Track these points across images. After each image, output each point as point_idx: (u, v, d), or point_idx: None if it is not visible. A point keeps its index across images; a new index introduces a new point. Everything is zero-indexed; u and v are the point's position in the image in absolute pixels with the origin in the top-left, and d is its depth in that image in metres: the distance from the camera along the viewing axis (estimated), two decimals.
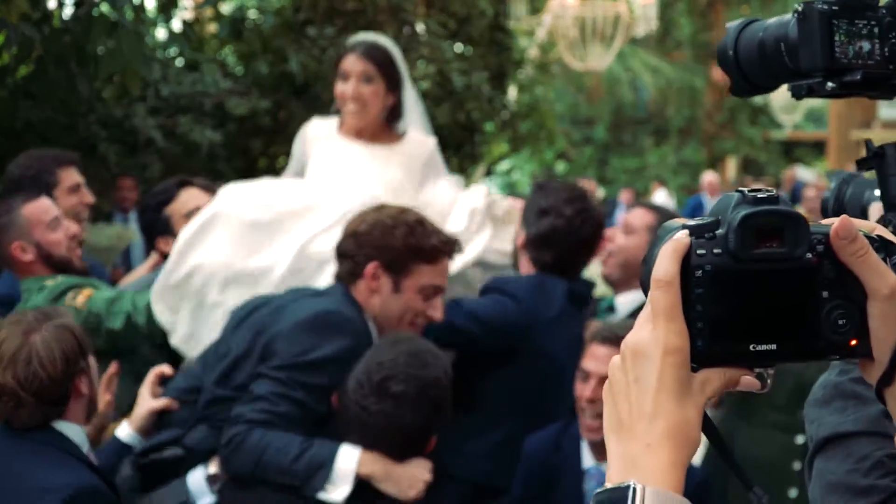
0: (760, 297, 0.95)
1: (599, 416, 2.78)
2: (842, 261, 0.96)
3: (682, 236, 0.95)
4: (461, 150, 11.86)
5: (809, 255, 0.95)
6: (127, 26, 7.01)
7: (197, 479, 2.68)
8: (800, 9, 1.16)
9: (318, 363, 2.62)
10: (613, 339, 2.83)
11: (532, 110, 12.01)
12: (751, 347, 0.95)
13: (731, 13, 20.89)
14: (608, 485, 0.92)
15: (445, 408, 2.59)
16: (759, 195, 0.95)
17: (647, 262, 1.00)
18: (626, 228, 3.50)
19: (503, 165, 19.59)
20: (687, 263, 0.95)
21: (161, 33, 9.66)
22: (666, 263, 0.94)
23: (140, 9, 7.81)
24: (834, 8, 1.15)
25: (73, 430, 2.56)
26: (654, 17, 10.33)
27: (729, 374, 0.96)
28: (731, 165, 22.10)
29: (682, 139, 20.93)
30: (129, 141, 9.51)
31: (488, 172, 14.59)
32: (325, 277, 3.08)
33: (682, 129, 20.96)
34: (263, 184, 3.57)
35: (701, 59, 20.83)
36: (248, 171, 10.76)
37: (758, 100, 20.62)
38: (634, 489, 0.90)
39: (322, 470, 2.45)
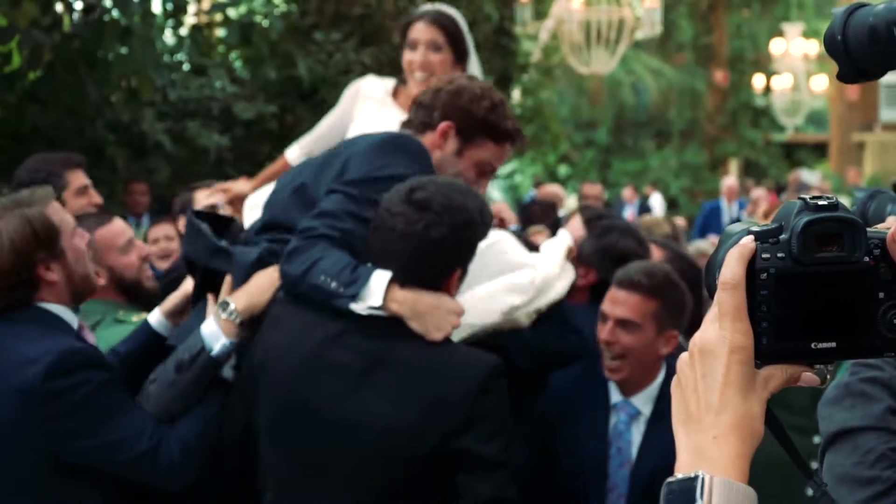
0: (821, 298, 1.01)
1: (615, 357, 2.93)
2: None
3: (748, 241, 1.01)
4: None
5: (867, 259, 1.02)
6: (138, 32, 7.06)
7: (209, 325, 2.61)
8: None
9: (393, 179, 2.60)
10: (628, 282, 2.96)
11: (536, 114, 12.06)
12: (812, 345, 1.01)
13: (731, 16, 20.96)
14: (678, 475, 0.98)
15: (466, 246, 2.52)
16: (820, 202, 1.01)
17: (711, 266, 1.07)
18: None
19: (505, 168, 19.64)
20: (752, 267, 1.01)
21: (168, 37, 9.70)
22: (733, 266, 1.01)
23: (148, 14, 7.86)
24: None
25: (57, 309, 2.61)
26: (658, 22, 10.37)
27: (791, 371, 1.02)
28: (733, 168, 22.15)
29: (683, 142, 20.99)
30: (136, 145, 9.55)
31: None
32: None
33: (684, 132, 21.03)
34: None
35: (702, 62, 20.89)
36: (255, 175, 10.83)
37: (759, 102, 20.67)
38: (703, 479, 0.96)
39: (358, 282, 2.42)
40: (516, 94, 12.06)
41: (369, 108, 3.62)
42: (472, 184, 2.82)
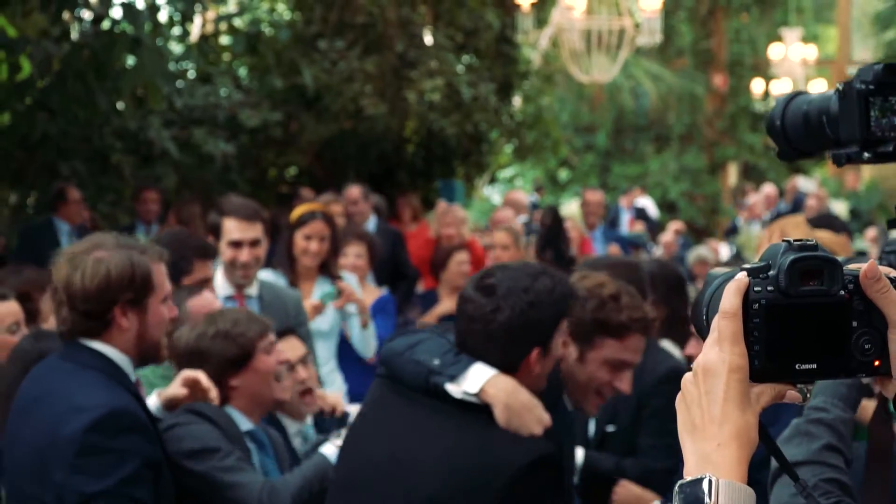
0: (804, 325, 1.18)
1: None
2: (869, 297, 1.19)
3: (743, 277, 1.18)
4: (468, 159, 12.07)
5: (843, 292, 1.18)
6: (147, 43, 7.19)
7: (330, 449, 2.90)
8: (840, 87, 1.32)
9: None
10: None
11: (537, 120, 12.19)
12: (796, 366, 1.18)
13: (730, 21, 21.10)
14: (688, 477, 1.14)
15: (536, 325, 2.56)
16: (803, 244, 1.18)
17: (698, 305, 1.24)
18: None
19: (506, 173, 19.78)
20: (746, 298, 1.17)
21: (175, 46, 9.80)
22: (731, 298, 1.17)
23: (157, 25, 7.98)
24: (870, 87, 1.30)
25: (119, 358, 2.66)
26: (658, 30, 10.48)
27: (778, 388, 1.19)
28: (732, 172, 22.29)
29: (682, 146, 21.10)
30: (143, 152, 9.67)
31: (492, 180, 14.78)
32: None
33: (683, 136, 21.13)
34: None
35: (701, 67, 21.01)
36: (260, 181, 10.98)
37: (758, 107, 20.81)
38: (710, 481, 1.12)
39: (459, 364, 2.49)
40: (516, 100, 12.19)
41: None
42: (609, 381, 2.88)
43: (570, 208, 13.89)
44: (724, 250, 12.36)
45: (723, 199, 20.88)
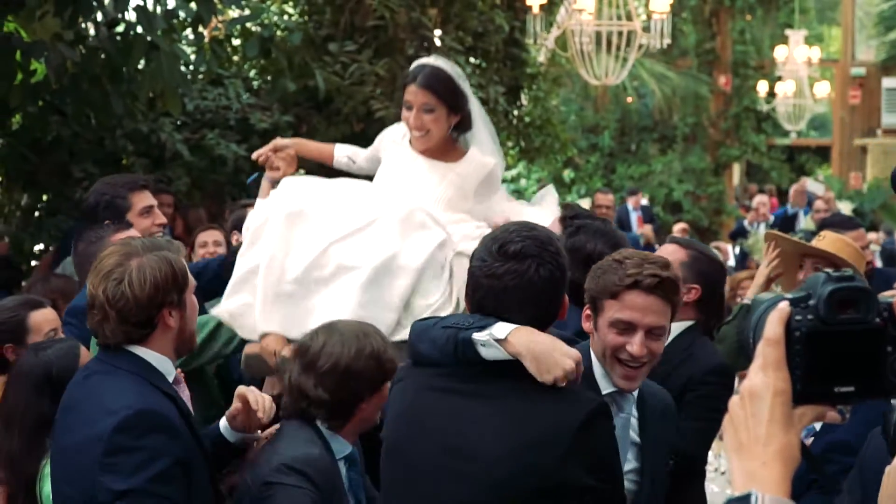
0: (842, 351, 1.27)
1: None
2: None
3: (785, 306, 1.27)
4: None
5: (878, 320, 1.28)
6: (164, 47, 7.25)
7: None
8: None
9: None
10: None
11: (546, 122, 12.24)
12: (835, 389, 1.28)
13: (734, 22, 21.18)
14: (735, 493, 1.23)
15: (566, 265, 2.61)
16: (840, 275, 1.27)
17: (745, 327, 1.34)
18: None
19: (511, 173, 19.84)
20: (788, 326, 1.27)
21: (186, 48, 9.84)
22: (774, 326, 1.27)
23: (172, 30, 8.04)
24: None
25: (158, 359, 2.68)
26: (667, 34, 10.50)
27: (818, 410, 1.28)
28: (736, 172, 22.35)
29: (687, 146, 21.16)
30: (155, 155, 9.72)
31: None
32: (338, 281, 3.47)
33: (688, 137, 21.20)
34: (327, 190, 3.93)
35: (706, 68, 21.07)
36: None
37: (762, 107, 20.88)
38: (757, 497, 1.21)
39: (486, 321, 2.53)
40: (525, 103, 12.24)
41: (390, 152, 4.03)
42: (621, 344, 2.85)
43: None
44: (731, 252, 12.43)
45: (727, 200, 20.95)
